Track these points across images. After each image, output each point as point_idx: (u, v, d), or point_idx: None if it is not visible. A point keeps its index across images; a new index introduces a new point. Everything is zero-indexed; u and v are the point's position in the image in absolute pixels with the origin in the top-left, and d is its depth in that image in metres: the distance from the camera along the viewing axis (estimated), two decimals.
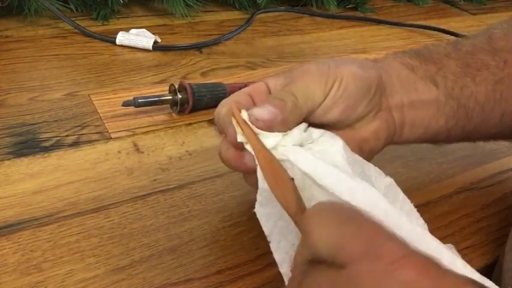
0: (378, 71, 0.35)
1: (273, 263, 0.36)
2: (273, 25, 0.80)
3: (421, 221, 0.28)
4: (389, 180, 0.31)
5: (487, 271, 0.39)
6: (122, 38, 0.65)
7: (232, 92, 0.53)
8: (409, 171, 0.48)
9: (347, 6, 0.91)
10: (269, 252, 0.36)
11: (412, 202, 0.30)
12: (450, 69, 0.37)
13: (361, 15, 0.90)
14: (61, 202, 0.39)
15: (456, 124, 0.38)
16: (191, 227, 0.38)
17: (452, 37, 0.83)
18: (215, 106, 0.52)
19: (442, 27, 0.85)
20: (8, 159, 0.42)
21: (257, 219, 0.39)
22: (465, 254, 0.39)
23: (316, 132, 0.33)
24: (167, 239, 0.37)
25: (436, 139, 0.39)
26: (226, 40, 0.71)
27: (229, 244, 0.37)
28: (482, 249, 0.40)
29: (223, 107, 0.33)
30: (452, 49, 0.39)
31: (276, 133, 0.31)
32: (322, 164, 0.29)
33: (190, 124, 0.51)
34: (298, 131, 0.32)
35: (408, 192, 0.30)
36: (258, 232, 0.38)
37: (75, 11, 0.71)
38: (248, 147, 0.31)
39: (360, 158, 0.33)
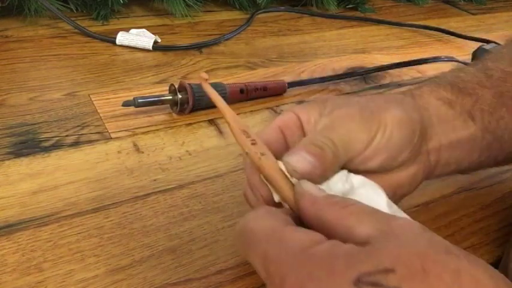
0: (420, 112, 0.33)
1: None
2: (273, 25, 0.80)
3: None
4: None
5: None
6: (121, 38, 0.65)
7: (233, 92, 0.54)
8: None
9: (347, 6, 0.91)
10: None
11: (412, 202, 0.29)
12: (486, 101, 0.36)
13: (361, 15, 0.90)
14: (61, 202, 0.39)
15: (489, 157, 0.37)
16: (191, 227, 0.38)
17: (452, 37, 0.83)
18: (215, 106, 0.53)
19: (442, 27, 0.85)
20: (8, 159, 0.42)
21: None
22: None
23: (356, 182, 0.30)
24: (167, 239, 0.37)
25: (466, 171, 0.38)
26: (226, 40, 0.71)
27: (229, 244, 0.37)
28: (482, 249, 0.40)
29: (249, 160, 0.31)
30: (483, 77, 0.37)
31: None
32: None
33: (190, 124, 0.51)
34: (341, 182, 0.29)
35: None
36: None
37: (75, 11, 0.71)
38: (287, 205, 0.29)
39: (396, 209, 0.30)
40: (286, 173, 0.28)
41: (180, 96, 0.51)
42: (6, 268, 0.33)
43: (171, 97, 0.51)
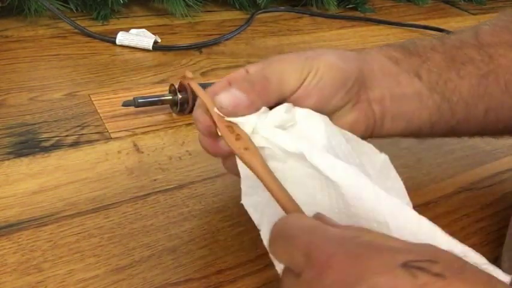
0: (359, 63, 0.35)
1: (273, 263, 0.36)
2: (273, 25, 0.80)
3: (407, 199, 0.29)
4: (383, 156, 0.32)
5: None
6: (122, 38, 0.65)
7: None
8: (409, 171, 0.48)
9: (347, 6, 0.91)
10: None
11: (412, 202, 0.30)
12: (435, 63, 0.37)
13: (361, 15, 0.90)
14: (61, 202, 0.39)
15: (440, 118, 0.37)
16: (191, 227, 0.38)
17: None
18: None
19: (442, 27, 0.85)
20: (8, 159, 0.42)
21: None
22: None
23: (299, 112, 0.32)
24: (167, 239, 0.37)
25: (420, 133, 0.39)
26: (226, 40, 0.71)
27: (229, 244, 0.37)
28: (482, 249, 0.40)
29: (200, 99, 0.34)
30: (438, 43, 0.39)
31: (252, 116, 0.31)
32: (305, 144, 0.29)
33: (190, 124, 0.51)
34: (279, 112, 0.31)
35: (408, 192, 0.30)
36: (258, 232, 0.38)
37: (75, 11, 0.71)
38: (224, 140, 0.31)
39: (352, 136, 0.33)
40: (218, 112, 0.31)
41: (180, 96, 0.51)
42: (6, 268, 0.33)
43: (171, 97, 0.51)
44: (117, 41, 0.65)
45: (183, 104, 0.51)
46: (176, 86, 0.51)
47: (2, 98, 0.51)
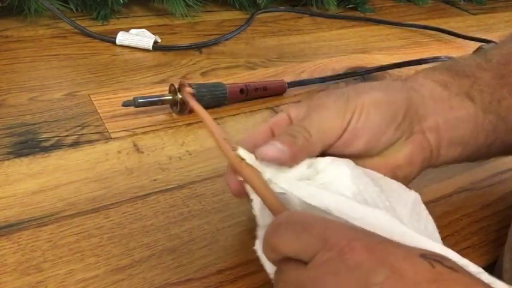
0: (408, 92, 0.34)
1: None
2: (273, 25, 0.80)
3: (439, 240, 0.28)
4: (414, 195, 0.31)
5: (487, 271, 0.39)
6: (122, 38, 0.65)
7: (233, 92, 0.54)
8: None
9: (347, 6, 0.91)
10: None
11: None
12: (485, 82, 0.36)
13: (361, 15, 0.90)
14: (61, 202, 0.39)
15: (496, 139, 0.36)
16: (191, 227, 0.38)
17: (452, 37, 0.83)
18: (215, 106, 0.53)
19: (442, 27, 0.85)
20: (8, 159, 0.42)
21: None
22: (465, 254, 0.38)
23: (321, 162, 0.31)
24: (167, 239, 0.37)
25: (476, 156, 0.38)
26: (226, 40, 0.71)
27: (229, 244, 0.37)
28: (482, 249, 0.40)
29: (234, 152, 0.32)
30: (482, 60, 0.37)
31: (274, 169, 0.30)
32: (324, 192, 0.28)
33: (190, 124, 0.51)
34: (306, 166, 0.30)
35: None
36: None
37: (75, 11, 0.71)
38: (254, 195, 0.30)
39: (379, 175, 0.31)
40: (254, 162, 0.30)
41: (180, 96, 0.51)
42: (6, 268, 0.33)
43: (171, 97, 0.51)
44: (117, 41, 0.65)
45: (183, 104, 0.51)
46: (176, 86, 0.51)
47: (2, 98, 0.51)
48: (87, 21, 0.70)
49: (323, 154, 0.32)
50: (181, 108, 0.51)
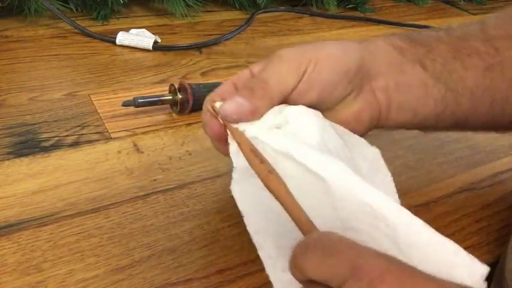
0: (362, 52, 0.35)
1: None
2: (273, 25, 0.80)
3: (396, 195, 0.30)
4: (375, 150, 0.32)
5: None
6: (122, 38, 0.65)
7: None
8: (409, 171, 0.48)
9: (347, 6, 0.91)
10: None
11: (412, 202, 0.30)
12: (440, 53, 0.37)
13: (361, 15, 0.90)
14: (61, 202, 0.39)
15: (445, 109, 0.37)
16: (191, 227, 0.38)
17: None
18: None
19: (442, 27, 0.85)
20: (8, 159, 0.42)
21: None
22: None
23: (291, 112, 0.32)
24: (167, 239, 0.37)
25: (425, 125, 0.39)
26: (226, 40, 0.71)
27: (229, 244, 0.37)
28: (482, 249, 0.40)
29: (207, 102, 0.34)
30: (443, 34, 0.39)
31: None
32: (293, 142, 0.29)
33: (190, 124, 0.51)
34: (272, 115, 0.32)
35: (408, 192, 0.30)
36: None
37: (75, 11, 0.71)
38: (231, 140, 0.32)
39: (344, 130, 0.33)
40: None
41: (180, 96, 0.51)
42: (6, 268, 0.33)
43: (171, 97, 0.51)
44: (117, 41, 0.65)
45: (183, 104, 0.51)
46: (176, 86, 0.51)
47: (2, 98, 0.51)
48: (87, 21, 0.70)
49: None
50: (181, 108, 0.51)
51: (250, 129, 0.31)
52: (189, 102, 0.51)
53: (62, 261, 0.34)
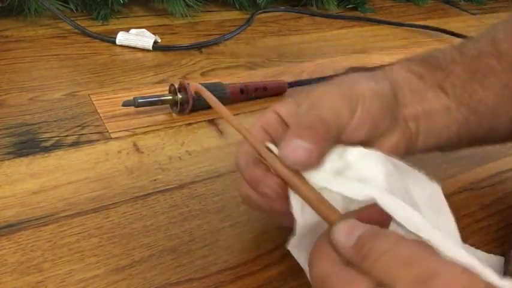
0: (390, 82, 0.34)
1: (273, 263, 0.36)
2: (273, 25, 0.80)
3: (460, 240, 0.28)
4: (435, 186, 0.30)
5: None
6: (121, 38, 0.65)
7: (233, 92, 0.54)
8: None
9: (347, 6, 0.91)
10: (269, 252, 0.37)
11: None
12: (457, 76, 0.37)
13: (361, 15, 0.90)
14: (61, 202, 0.39)
15: (468, 131, 0.37)
16: (191, 227, 0.38)
17: (452, 37, 0.83)
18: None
19: (442, 27, 0.85)
20: (8, 159, 0.42)
21: (257, 219, 0.39)
22: None
23: (352, 153, 0.29)
24: (167, 239, 0.37)
25: (448, 147, 0.39)
26: (226, 40, 0.71)
27: (229, 244, 0.37)
28: (483, 249, 0.40)
29: (242, 150, 0.31)
30: (457, 54, 0.38)
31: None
32: (364, 185, 0.27)
33: (190, 124, 0.51)
34: (336, 158, 0.29)
35: None
36: (258, 232, 0.38)
37: (75, 11, 0.71)
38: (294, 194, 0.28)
39: (404, 165, 0.30)
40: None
41: (180, 96, 0.51)
42: (6, 268, 0.33)
43: (171, 97, 0.51)
44: (117, 41, 0.65)
45: (183, 104, 0.51)
46: (176, 86, 0.51)
47: (2, 98, 0.51)
48: (87, 21, 0.70)
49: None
50: (181, 108, 0.51)
51: (315, 178, 0.28)
52: (189, 102, 0.51)
53: (62, 261, 0.34)
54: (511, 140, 0.42)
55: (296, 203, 0.28)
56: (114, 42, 0.65)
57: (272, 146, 0.30)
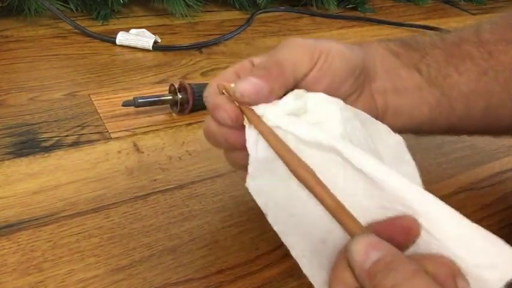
0: (363, 54, 0.35)
1: (273, 263, 0.36)
2: (273, 25, 0.80)
3: (421, 184, 0.29)
4: (398, 138, 0.31)
5: None
6: (121, 38, 0.65)
7: None
8: None
9: (347, 6, 0.91)
10: (269, 252, 0.37)
11: None
12: (434, 58, 0.37)
13: (361, 15, 0.90)
14: (61, 202, 0.39)
15: (440, 114, 0.37)
16: (191, 227, 0.38)
17: None
18: None
19: (442, 27, 0.85)
20: (8, 159, 0.42)
21: (257, 219, 0.39)
22: None
23: (311, 97, 0.31)
24: (167, 239, 0.37)
25: (420, 129, 0.39)
26: (226, 40, 0.71)
27: (229, 244, 0.37)
28: None
29: (211, 87, 0.33)
30: (438, 39, 0.39)
31: (261, 105, 0.29)
32: (316, 129, 0.28)
33: (190, 124, 0.51)
34: (292, 98, 0.30)
35: None
36: (258, 232, 0.38)
37: (75, 11, 0.71)
38: (249, 128, 0.29)
39: (367, 116, 0.31)
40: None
41: (180, 96, 0.51)
42: (6, 268, 0.33)
43: (171, 97, 0.51)
44: (117, 41, 0.65)
45: (183, 104, 0.51)
46: (176, 86, 0.51)
47: (2, 98, 0.51)
48: (87, 21, 0.70)
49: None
50: (181, 108, 0.51)
51: (269, 114, 0.29)
52: (189, 102, 0.51)
53: (62, 261, 0.34)
54: (487, 132, 0.42)
55: (250, 134, 0.29)
56: (114, 42, 0.65)
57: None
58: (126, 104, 0.49)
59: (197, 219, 0.39)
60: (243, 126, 0.30)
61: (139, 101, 0.50)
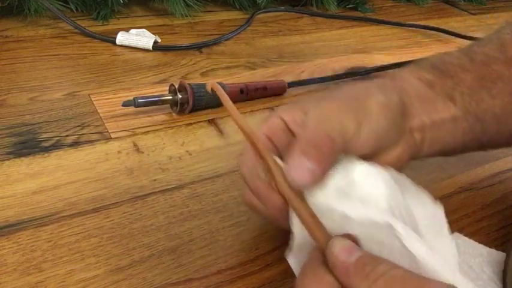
0: (399, 93, 0.34)
1: (273, 263, 0.36)
2: (273, 25, 0.80)
3: (455, 252, 0.29)
4: (439, 209, 0.30)
5: None
6: (121, 38, 0.65)
7: (233, 92, 0.54)
8: (409, 171, 0.47)
9: (347, 6, 0.91)
10: (269, 252, 0.37)
11: None
12: (466, 84, 0.37)
13: (361, 15, 0.90)
14: (61, 202, 0.39)
15: (473, 138, 0.37)
16: (191, 227, 0.38)
17: (452, 37, 0.83)
18: (215, 106, 0.53)
19: (442, 27, 0.85)
20: (8, 159, 0.42)
21: (257, 219, 0.39)
22: None
23: (358, 172, 0.29)
24: (167, 239, 0.37)
25: (451, 153, 0.39)
26: (226, 40, 0.71)
27: (229, 244, 0.37)
28: None
29: (244, 165, 0.32)
30: (466, 60, 0.38)
31: None
32: (364, 208, 0.27)
33: (190, 124, 0.51)
34: (340, 178, 0.29)
35: None
36: (258, 232, 0.38)
37: (75, 11, 0.71)
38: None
39: (408, 184, 0.31)
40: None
41: (180, 96, 0.51)
42: (6, 268, 0.33)
43: (171, 97, 0.51)
44: (117, 41, 0.65)
45: (183, 104, 0.51)
46: (176, 86, 0.51)
47: (2, 98, 0.51)
48: (87, 21, 0.70)
49: None
50: (181, 108, 0.51)
51: (317, 197, 0.28)
52: (189, 102, 0.51)
53: (62, 261, 0.34)
54: (510, 146, 0.42)
55: (296, 220, 0.28)
56: (114, 42, 0.65)
57: (277, 160, 0.29)
58: (126, 104, 0.49)
59: (197, 219, 0.39)
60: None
61: (139, 101, 0.50)
